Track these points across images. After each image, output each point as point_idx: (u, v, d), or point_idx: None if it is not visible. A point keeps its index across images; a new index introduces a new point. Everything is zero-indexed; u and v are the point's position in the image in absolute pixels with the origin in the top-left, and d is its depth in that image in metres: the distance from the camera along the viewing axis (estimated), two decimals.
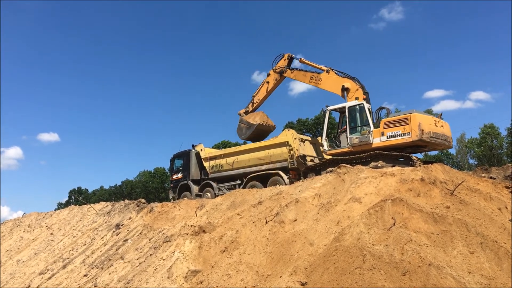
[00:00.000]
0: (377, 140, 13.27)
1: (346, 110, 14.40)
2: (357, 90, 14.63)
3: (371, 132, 13.44)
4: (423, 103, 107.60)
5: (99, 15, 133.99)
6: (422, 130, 12.41)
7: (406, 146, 12.96)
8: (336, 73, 15.63)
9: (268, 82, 18.29)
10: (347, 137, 14.14)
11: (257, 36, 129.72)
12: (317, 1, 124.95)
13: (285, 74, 17.67)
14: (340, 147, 14.51)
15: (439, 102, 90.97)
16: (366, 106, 14.02)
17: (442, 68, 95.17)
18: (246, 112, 19.26)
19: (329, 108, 15.17)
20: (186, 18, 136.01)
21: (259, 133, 18.88)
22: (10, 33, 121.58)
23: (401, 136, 12.77)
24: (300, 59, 17.56)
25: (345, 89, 14.90)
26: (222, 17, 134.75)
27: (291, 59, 17.70)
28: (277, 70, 17.74)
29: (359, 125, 14.16)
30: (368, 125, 13.77)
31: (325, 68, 16.01)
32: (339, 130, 15.10)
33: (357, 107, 14.24)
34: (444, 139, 13.29)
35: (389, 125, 13.18)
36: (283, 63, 17.73)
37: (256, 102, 18.92)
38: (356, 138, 13.78)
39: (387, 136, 13.08)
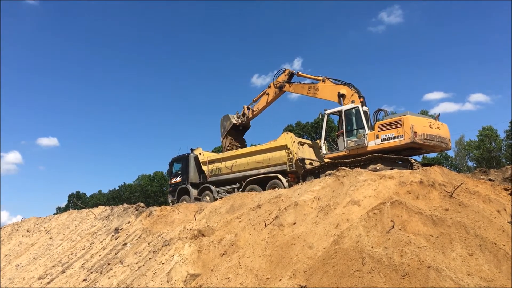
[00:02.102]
0: (372, 143, 13.22)
1: (343, 114, 14.42)
2: (352, 95, 14.71)
3: (366, 135, 13.42)
4: (422, 105, 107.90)
5: (97, 18, 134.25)
6: (415, 132, 12.33)
7: (400, 148, 12.90)
8: (331, 81, 15.82)
9: (268, 94, 18.82)
10: (344, 140, 14.16)
11: (256, 39, 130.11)
12: (317, 4, 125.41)
13: (284, 89, 18.19)
14: (338, 150, 14.51)
15: (438, 104, 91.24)
16: (362, 109, 14.03)
17: (442, 70, 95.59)
18: (246, 117, 19.84)
19: (327, 112, 15.17)
20: (185, 21, 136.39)
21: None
22: (9, 36, 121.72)
23: (395, 138, 12.69)
24: (298, 73, 18.02)
25: (341, 95, 15.03)
26: (221, 20, 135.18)
27: (291, 75, 18.17)
28: (277, 85, 18.27)
29: (355, 128, 14.15)
30: (362, 127, 13.76)
31: (320, 78, 16.23)
32: (336, 134, 15.11)
33: (353, 110, 14.25)
34: (440, 140, 13.19)
35: (383, 128, 13.12)
36: (283, 78, 18.21)
37: (256, 110, 19.54)
38: (352, 141, 13.76)
39: (382, 139, 13.01)
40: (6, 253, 18.93)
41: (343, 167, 11.90)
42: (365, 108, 14.29)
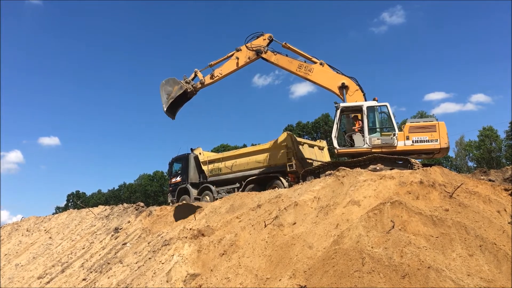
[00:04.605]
0: (401, 144, 13.41)
1: (364, 110, 13.88)
2: (356, 90, 14.42)
3: (396, 135, 13.42)
4: (423, 106, 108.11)
5: (97, 18, 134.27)
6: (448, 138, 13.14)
7: (432, 151, 13.50)
8: (331, 68, 14.91)
9: (238, 58, 15.40)
10: (363, 137, 13.77)
11: None
12: (318, 4, 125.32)
13: (264, 55, 15.26)
14: (353, 146, 14.07)
15: (439, 104, 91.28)
16: (390, 108, 13.96)
17: (443, 70, 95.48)
18: (201, 82, 15.46)
19: (342, 105, 14.25)
20: (186, 21, 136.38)
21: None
22: (11, 36, 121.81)
23: (429, 142, 13.22)
24: (285, 43, 15.45)
25: (344, 87, 14.48)
26: (221, 19, 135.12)
27: (271, 41, 15.52)
28: (253, 48, 15.23)
29: (379, 126, 14.05)
30: (391, 127, 13.72)
31: (317, 61, 15.02)
32: (353, 129, 14.43)
33: (378, 108, 14.07)
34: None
35: (415, 130, 13.47)
36: (261, 42, 15.35)
37: (218, 76, 15.59)
38: (378, 139, 13.61)
39: (413, 141, 13.37)
40: (5, 253, 18.93)
41: (343, 167, 11.90)
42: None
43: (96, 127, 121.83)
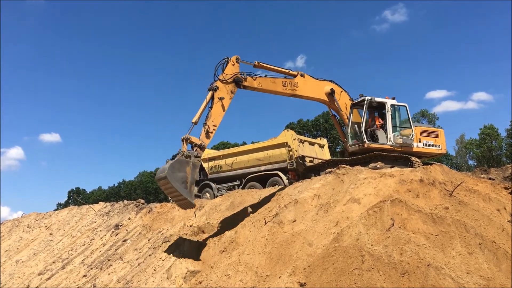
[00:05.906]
0: (415, 145, 13.74)
1: (389, 108, 13.85)
2: (341, 91, 14.42)
3: (413, 136, 13.65)
4: (425, 104, 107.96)
5: (98, 17, 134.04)
6: None
7: (436, 155, 14.20)
8: (311, 77, 14.06)
9: (222, 99, 12.00)
10: (389, 134, 13.71)
11: (255, 38, 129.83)
12: (321, 2, 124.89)
13: (245, 83, 12.49)
14: (377, 142, 13.82)
15: (440, 103, 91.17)
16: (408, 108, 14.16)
17: (445, 68, 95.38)
18: (201, 147, 11.13)
19: (376, 99, 13.97)
20: (187, 20, 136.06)
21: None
22: (11, 34, 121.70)
23: (434, 146, 13.95)
24: (257, 62, 13.31)
25: (332, 92, 14.15)
26: (221, 19, 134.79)
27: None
28: (229, 80, 12.20)
29: (398, 125, 14.13)
30: (408, 128, 13.86)
31: (295, 73, 13.60)
32: (377, 124, 14.26)
33: (399, 107, 14.17)
34: None
35: (424, 134, 13.94)
36: (233, 69, 12.43)
37: (214, 130, 11.87)
38: (400, 138, 13.73)
39: (424, 144, 13.85)
40: (6, 249, 18.97)
41: (344, 165, 11.91)
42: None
43: (97, 124, 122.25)
